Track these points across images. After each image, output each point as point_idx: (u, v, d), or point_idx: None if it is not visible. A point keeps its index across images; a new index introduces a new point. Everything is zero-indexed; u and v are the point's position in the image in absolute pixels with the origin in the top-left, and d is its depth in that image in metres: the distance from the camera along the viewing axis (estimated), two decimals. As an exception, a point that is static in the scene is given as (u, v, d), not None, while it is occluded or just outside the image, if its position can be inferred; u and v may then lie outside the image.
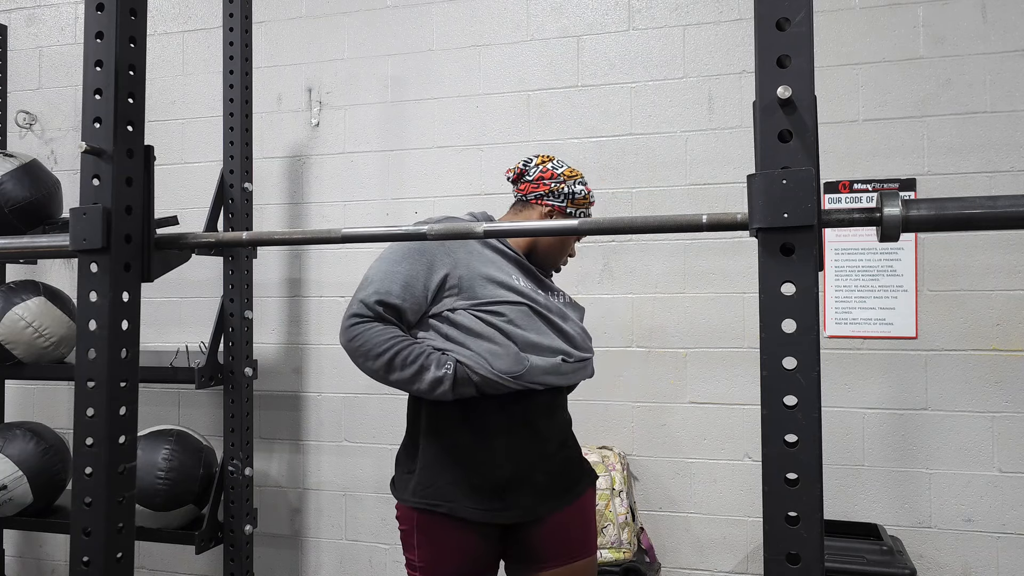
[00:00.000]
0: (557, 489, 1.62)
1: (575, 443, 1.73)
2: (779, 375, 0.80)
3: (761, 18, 0.81)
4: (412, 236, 1.06)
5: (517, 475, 1.55)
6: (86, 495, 1.00)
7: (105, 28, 1.02)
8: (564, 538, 1.63)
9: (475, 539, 1.55)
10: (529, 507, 1.57)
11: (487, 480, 1.53)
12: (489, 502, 1.53)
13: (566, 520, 1.63)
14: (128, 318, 1.05)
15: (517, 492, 1.55)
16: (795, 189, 0.80)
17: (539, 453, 1.58)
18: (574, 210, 1.65)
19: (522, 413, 1.55)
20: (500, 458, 1.53)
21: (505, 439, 1.54)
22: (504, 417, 1.54)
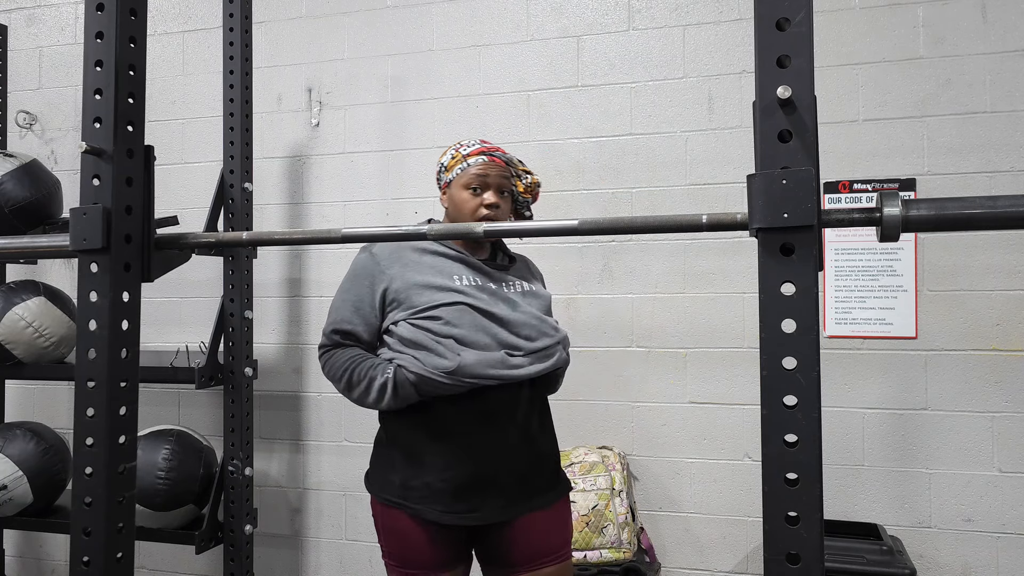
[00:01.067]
0: (525, 492, 1.58)
1: (550, 448, 1.67)
2: (779, 375, 0.80)
3: (761, 18, 0.81)
4: (412, 236, 1.06)
5: (479, 476, 1.53)
6: (86, 495, 1.00)
7: (105, 28, 1.02)
8: (534, 542, 1.60)
9: (442, 537, 1.56)
10: (495, 510, 1.55)
11: (448, 482, 1.53)
12: (452, 504, 1.53)
13: (536, 524, 1.60)
14: (128, 318, 1.05)
15: (482, 494, 1.54)
16: (795, 189, 0.80)
17: (500, 451, 1.54)
18: (459, 172, 1.64)
19: (479, 411, 1.54)
20: (459, 458, 1.53)
21: (463, 439, 1.54)
22: (460, 417, 1.54)
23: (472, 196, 1.63)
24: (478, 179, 1.62)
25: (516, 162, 1.70)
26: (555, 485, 1.66)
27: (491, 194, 1.62)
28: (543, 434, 1.65)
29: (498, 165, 1.64)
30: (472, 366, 1.49)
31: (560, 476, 1.70)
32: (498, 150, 1.67)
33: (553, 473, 1.67)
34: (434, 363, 1.50)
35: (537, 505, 1.60)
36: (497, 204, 1.62)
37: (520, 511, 1.58)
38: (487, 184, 1.62)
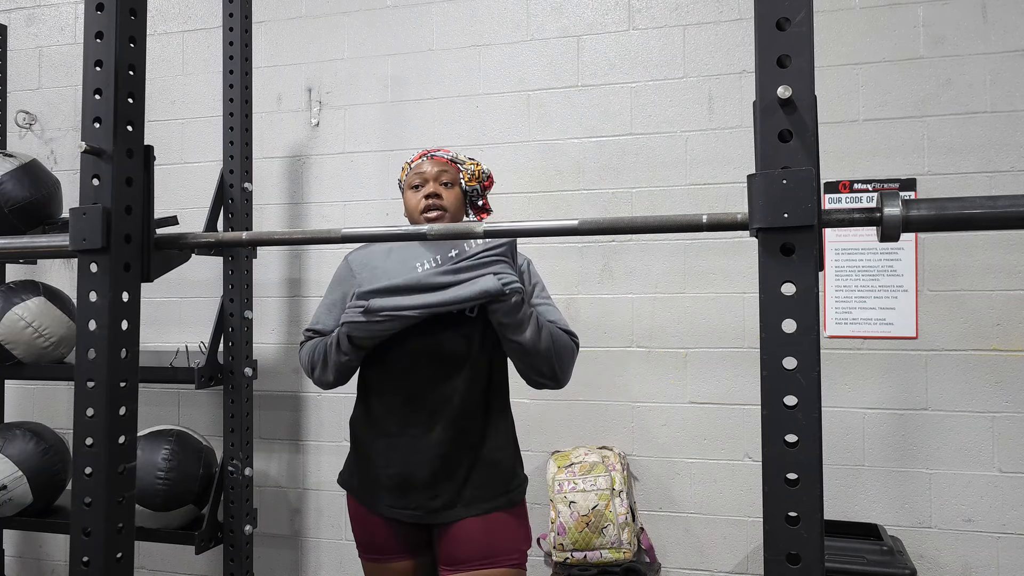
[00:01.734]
0: (463, 498, 1.60)
1: (500, 456, 1.65)
2: (779, 375, 0.80)
3: (761, 18, 0.81)
4: (412, 236, 1.06)
5: (414, 475, 1.60)
6: (86, 495, 1.00)
7: (105, 28, 1.02)
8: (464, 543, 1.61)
9: (397, 527, 1.66)
10: (431, 511, 1.61)
11: (390, 478, 1.62)
12: (393, 499, 1.63)
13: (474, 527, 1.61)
14: (128, 318, 1.05)
15: (419, 493, 1.61)
16: (795, 189, 0.80)
17: (434, 453, 1.59)
18: (406, 178, 1.75)
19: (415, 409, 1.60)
20: (395, 456, 1.62)
21: (400, 438, 1.61)
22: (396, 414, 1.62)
23: (414, 193, 1.71)
24: (418, 176, 1.71)
25: (463, 159, 1.77)
26: (495, 497, 1.63)
27: (430, 185, 1.69)
28: (492, 441, 1.63)
29: (438, 161, 1.72)
30: (382, 294, 1.51)
31: (507, 490, 1.65)
32: (440, 150, 1.77)
33: (499, 485, 1.64)
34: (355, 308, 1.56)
35: (474, 512, 1.61)
36: (436, 193, 1.67)
37: (458, 515, 1.61)
38: (426, 178, 1.70)
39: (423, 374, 1.61)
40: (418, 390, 1.61)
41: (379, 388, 1.66)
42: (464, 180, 1.73)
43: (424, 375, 1.61)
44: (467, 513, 1.61)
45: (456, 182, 1.72)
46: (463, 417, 1.61)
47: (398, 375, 1.63)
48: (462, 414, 1.60)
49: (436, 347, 1.61)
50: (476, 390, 1.62)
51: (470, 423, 1.61)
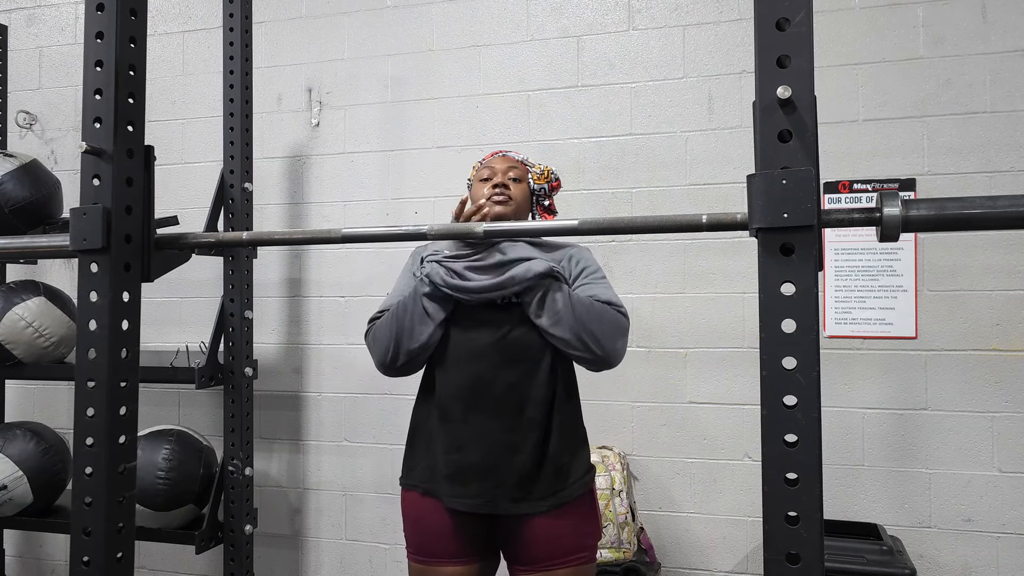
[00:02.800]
0: (526, 490, 1.57)
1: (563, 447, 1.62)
2: (779, 375, 0.80)
3: (761, 18, 0.81)
4: (412, 236, 1.06)
5: (475, 463, 1.56)
6: (86, 495, 1.00)
7: (105, 28, 1.02)
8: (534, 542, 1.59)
9: (456, 523, 1.61)
10: (491, 500, 1.56)
11: (450, 465, 1.58)
12: (452, 487, 1.58)
13: (550, 526, 1.58)
14: (128, 318, 1.05)
15: (480, 482, 1.56)
16: (795, 189, 0.80)
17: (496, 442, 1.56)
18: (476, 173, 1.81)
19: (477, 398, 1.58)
20: (457, 443, 1.58)
21: (461, 425, 1.58)
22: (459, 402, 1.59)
23: (483, 184, 1.75)
24: (488, 170, 1.76)
25: (532, 162, 1.82)
26: (560, 491, 1.60)
27: (499, 176, 1.74)
28: (557, 432, 1.61)
29: (508, 159, 1.78)
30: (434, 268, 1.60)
31: (573, 482, 1.63)
32: (512, 151, 1.83)
33: (564, 477, 1.61)
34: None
35: (540, 508, 1.58)
36: (504, 184, 1.71)
37: (522, 509, 1.57)
38: (495, 171, 1.75)
39: (489, 361, 1.58)
40: (484, 378, 1.57)
41: (445, 378, 1.62)
42: (532, 180, 1.78)
43: (490, 363, 1.58)
44: (533, 509, 1.57)
45: (524, 179, 1.77)
46: (528, 407, 1.58)
47: (465, 362, 1.59)
48: (527, 403, 1.58)
49: (502, 336, 1.59)
50: (541, 380, 1.59)
51: (536, 413, 1.59)
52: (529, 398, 1.58)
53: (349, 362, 2.73)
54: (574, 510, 1.62)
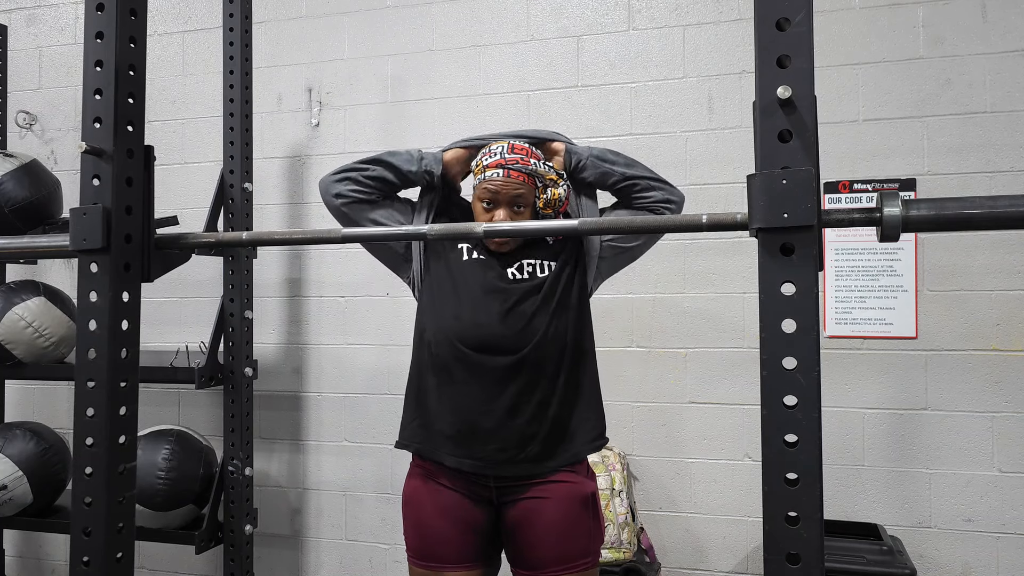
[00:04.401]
0: (533, 453, 1.56)
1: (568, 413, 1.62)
2: (779, 375, 0.80)
3: (761, 18, 0.81)
4: (412, 236, 1.06)
5: (472, 424, 1.57)
6: (86, 495, 1.00)
7: (105, 28, 1.02)
8: (537, 547, 1.58)
9: (458, 525, 1.60)
10: (495, 461, 1.56)
11: (450, 427, 1.59)
12: (454, 446, 1.58)
13: (555, 524, 1.57)
14: (128, 318, 1.05)
15: (484, 443, 1.56)
16: (795, 189, 0.80)
17: (496, 407, 1.56)
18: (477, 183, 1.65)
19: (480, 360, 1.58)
20: (458, 406, 1.59)
21: (463, 387, 1.58)
22: (461, 366, 1.59)
23: (484, 211, 1.62)
24: (490, 194, 1.60)
25: (543, 171, 1.61)
26: (562, 453, 1.59)
27: (502, 212, 1.60)
28: (562, 396, 1.60)
29: (514, 180, 1.58)
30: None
31: (574, 444, 1.62)
32: (518, 162, 1.58)
33: (565, 440, 1.61)
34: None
35: (542, 470, 1.57)
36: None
37: (522, 469, 1.56)
38: (498, 201, 1.59)
39: (491, 326, 1.57)
40: (487, 342, 1.57)
41: (446, 339, 1.60)
42: (539, 205, 1.62)
43: (492, 327, 1.57)
44: (535, 471, 1.57)
45: (531, 204, 1.61)
46: (533, 370, 1.57)
47: (469, 325, 1.59)
48: (532, 366, 1.57)
49: (505, 297, 1.59)
50: (545, 343, 1.58)
51: (540, 377, 1.58)
52: (530, 361, 1.57)
53: (349, 362, 2.73)
54: (580, 513, 1.60)
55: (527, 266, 1.63)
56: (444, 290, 1.64)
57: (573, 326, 1.64)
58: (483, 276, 1.61)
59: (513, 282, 1.61)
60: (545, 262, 1.65)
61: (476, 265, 1.63)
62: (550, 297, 1.61)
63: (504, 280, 1.61)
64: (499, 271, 1.62)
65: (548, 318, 1.59)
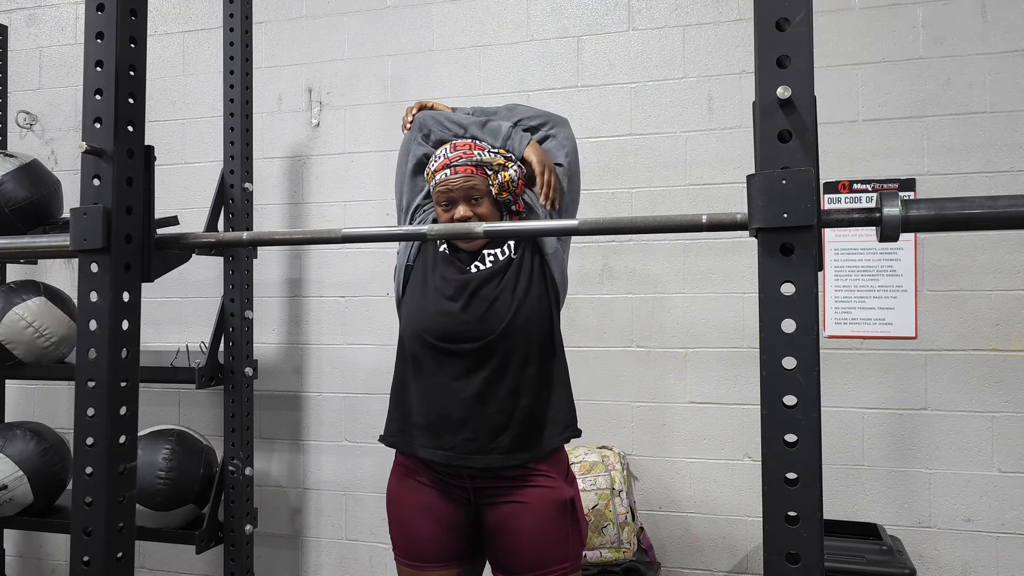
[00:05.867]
0: (504, 444, 1.57)
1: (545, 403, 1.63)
2: (779, 375, 0.80)
3: (761, 18, 0.81)
4: (412, 236, 1.06)
5: (443, 415, 1.60)
6: (86, 495, 1.00)
7: (105, 28, 1.02)
8: (518, 551, 1.58)
9: (441, 525, 1.62)
10: (465, 451, 1.57)
11: (421, 417, 1.62)
12: (427, 438, 1.61)
13: (535, 527, 1.58)
14: (128, 318, 1.05)
15: (454, 433, 1.59)
16: (795, 189, 0.80)
17: (463, 395, 1.58)
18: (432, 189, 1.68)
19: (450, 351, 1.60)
20: (429, 396, 1.62)
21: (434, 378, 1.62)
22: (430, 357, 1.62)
23: (444, 213, 1.65)
24: (444, 196, 1.63)
25: (490, 158, 1.63)
26: (533, 445, 1.60)
27: (461, 208, 1.62)
28: (531, 387, 1.61)
29: (463, 174, 1.60)
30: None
31: (543, 435, 1.62)
32: (462, 157, 1.61)
33: (535, 431, 1.61)
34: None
35: (513, 462, 1.58)
36: (468, 216, 1.62)
37: (493, 461, 1.57)
38: (454, 199, 1.62)
39: (459, 317, 1.59)
40: (455, 332, 1.59)
41: (417, 332, 1.63)
42: (495, 191, 1.63)
43: (460, 318, 1.59)
44: (507, 463, 1.57)
45: (486, 192, 1.63)
46: (501, 358, 1.59)
47: (436, 316, 1.61)
48: (500, 354, 1.58)
49: (466, 284, 1.61)
50: (516, 333, 1.59)
51: (509, 366, 1.59)
52: (497, 349, 1.58)
53: (349, 362, 2.73)
54: (560, 518, 1.60)
55: (488, 257, 1.66)
56: (416, 283, 1.68)
57: (542, 317, 1.65)
58: (447, 268, 1.65)
59: (475, 273, 1.64)
60: (504, 250, 1.67)
61: (442, 258, 1.68)
62: (513, 282, 1.62)
63: (465, 273, 1.64)
64: (461, 265, 1.66)
65: (512, 303, 1.60)
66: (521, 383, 1.60)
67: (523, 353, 1.60)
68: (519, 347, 1.60)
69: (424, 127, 1.79)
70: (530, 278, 1.64)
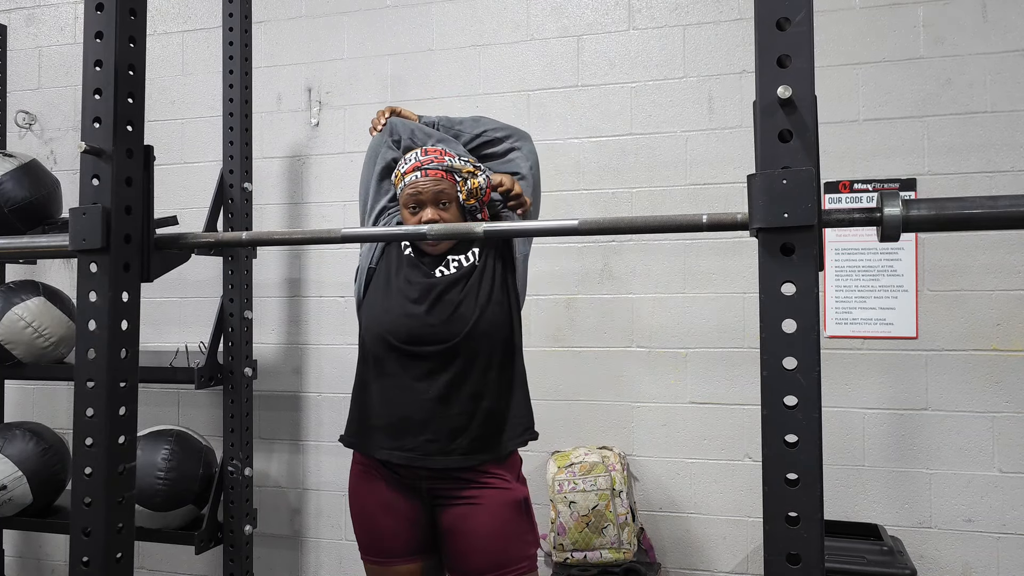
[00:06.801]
0: (462, 445, 1.60)
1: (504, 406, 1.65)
2: (779, 375, 0.80)
3: (761, 18, 0.81)
4: (412, 236, 1.06)
5: (403, 416, 1.61)
6: (86, 495, 1.00)
7: (105, 28, 1.02)
8: (472, 554, 1.60)
9: (402, 520, 1.65)
10: (425, 453, 1.60)
11: (381, 418, 1.64)
12: (387, 439, 1.63)
13: (480, 531, 1.60)
14: (128, 318, 1.05)
15: (415, 435, 1.61)
16: (795, 189, 0.80)
17: (428, 399, 1.60)
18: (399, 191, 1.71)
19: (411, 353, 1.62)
20: (391, 398, 1.64)
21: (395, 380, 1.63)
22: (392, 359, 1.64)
23: (411, 216, 1.67)
24: (412, 199, 1.65)
25: (460, 165, 1.66)
26: (492, 447, 1.62)
27: (429, 211, 1.64)
28: (493, 390, 1.64)
29: (432, 178, 1.63)
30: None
31: (502, 438, 1.64)
32: (433, 161, 1.64)
33: (494, 433, 1.63)
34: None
35: (471, 462, 1.60)
36: (434, 220, 1.63)
37: (452, 462, 1.60)
38: (421, 201, 1.64)
39: (422, 319, 1.62)
40: (417, 334, 1.62)
41: (379, 334, 1.66)
42: (462, 197, 1.66)
43: (423, 321, 1.62)
44: (465, 463, 1.60)
45: (454, 198, 1.65)
46: (464, 361, 1.61)
47: (399, 319, 1.64)
48: (463, 358, 1.61)
49: (431, 288, 1.64)
50: (479, 337, 1.62)
51: (472, 369, 1.62)
52: (461, 352, 1.61)
53: (349, 362, 2.70)
54: (514, 518, 1.63)
55: (452, 262, 1.68)
56: (378, 285, 1.70)
57: (505, 321, 1.67)
58: (412, 272, 1.67)
59: (440, 277, 1.66)
60: (469, 256, 1.70)
61: (408, 262, 1.70)
62: (476, 288, 1.65)
63: (431, 277, 1.66)
64: (426, 269, 1.68)
65: (476, 308, 1.63)
66: (483, 386, 1.63)
67: (486, 357, 1.63)
68: (482, 351, 1.63)
69: (395, 132, 1.83)
70: (492, 284, 1.67)
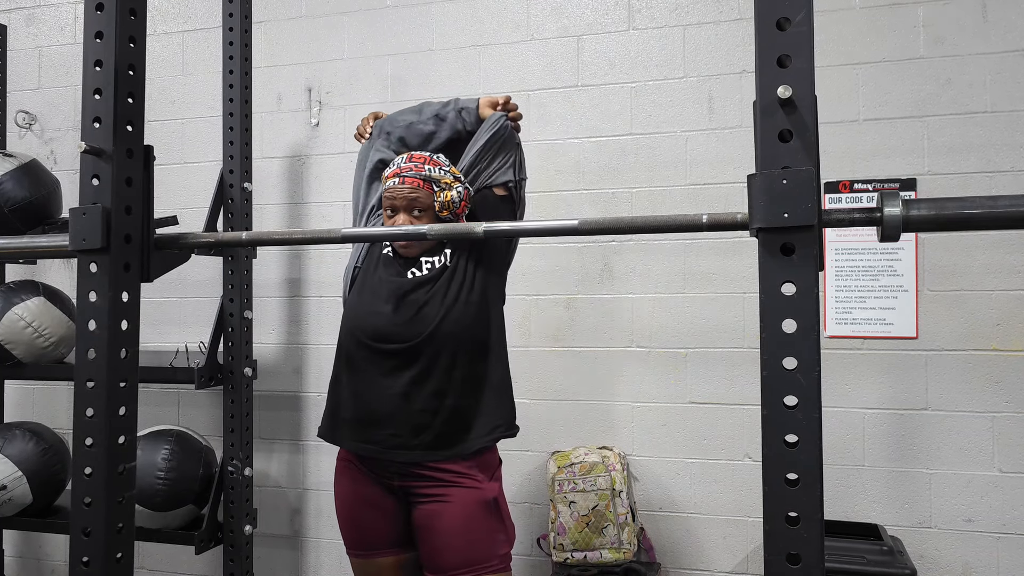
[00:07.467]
0: (426, 440, 1.63)
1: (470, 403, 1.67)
2: (779, 375, 0.80)
3: (761, 18, 0.81)
4: (412, 236, 1.06)
5: (370, 410, 1.67)
6: (86, 495, 1.00)
7: (105, 28, 1.02)
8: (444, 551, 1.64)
9: (382, 513, 1.71)
10: (389, 447, 1.64)
11: (349, 411, 1.70)
12: (354, 431, 1.69)
13: (461, 525, 1.63)
14: (128, 318, 1.05)
15: (379, 428, 1.66)
16: (795, 189, 0.80)
17: (396, 393, 1.64)
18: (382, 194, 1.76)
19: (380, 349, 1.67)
20: (358, 391, 1.69)
21: (365, 375, 1.68)
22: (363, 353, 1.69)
23: (388, 220, 1.72)
24: (389, 203, 1.70)
25: (439, 175, 1.68)
26: (457, 443, 1.64)
27: (402, 218, 1.69)
28: (462, 387, 1.66)
29: (408, 185, 1.66)
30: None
31: (469, 435, 1.65)
32: (412, 169, 1.67)
33: (460, 430, 1.65)
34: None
35: (435, 457, 1.63)
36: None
37: (415, 456, 1.63)
38: (396, 208, 1.69)
39: (389, 317, 1.66)
40: (383, 331, 1.66)
41: (351, 330, 1.73)
42: (436, 208, 1.68)
43: (390, 318, 1.66)
44: (428, 458, 1.63)
45: (428, 206, 1.67)
46: (427, 360, 1.65)
47: (368, 315, 1.69)
48: (426, 356, 1.65)
49: (399, 288, 1.68)
50: (442, 337, 1.65)
51: (434, 368, 1.65)
52: (423, 351, 1.64)
53: (349, 362, 2.73)
54: (487, 518, 1.65)
55: (425, 264, 1.72)
56: (359, 284, 1.77)
57: (472, 321, 1.69)
58: (386, 272, 1.72)
59: (410, 279, 1.70)
60: (441, 259, 1.72)
61: (384, 261, 1.74)
62: (444, 289, 1.68)
63: (402, 276, 1.70)
64: (399, 269, 1.71)
65: (441, 309, 1.65)
66: (447, 385, 1.65)
67: (450, 356, 1.65)
68: (446, 350, 1.65)
69: (382, 130, 1.88)
70: (462, 284, 1.69)
